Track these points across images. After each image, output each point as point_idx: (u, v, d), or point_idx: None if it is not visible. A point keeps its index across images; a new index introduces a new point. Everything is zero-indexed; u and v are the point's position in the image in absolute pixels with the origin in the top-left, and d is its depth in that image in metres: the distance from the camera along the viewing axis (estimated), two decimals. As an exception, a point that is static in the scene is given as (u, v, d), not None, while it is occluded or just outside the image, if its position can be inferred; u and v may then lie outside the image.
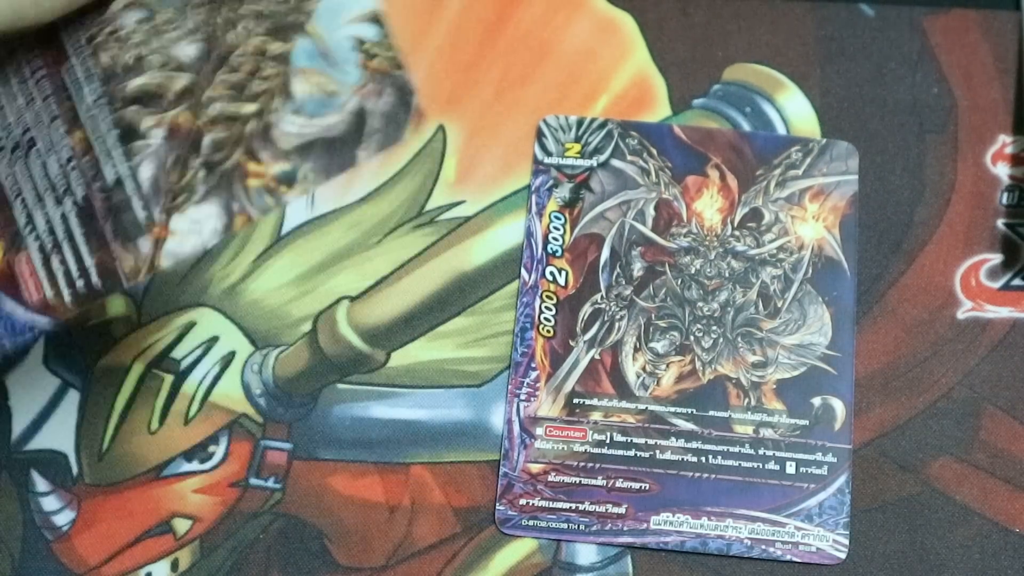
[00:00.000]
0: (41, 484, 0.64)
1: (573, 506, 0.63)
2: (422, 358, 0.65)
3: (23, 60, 0.57)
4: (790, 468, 0.63)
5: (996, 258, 0.66)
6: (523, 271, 0.66)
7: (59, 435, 0.64)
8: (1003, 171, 0.68)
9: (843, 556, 0.62)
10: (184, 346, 0.66)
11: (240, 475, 0.64)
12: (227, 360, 0.66)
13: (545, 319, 0.65)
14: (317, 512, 0.63)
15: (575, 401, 0.64)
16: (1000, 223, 0.67)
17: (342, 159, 0.56)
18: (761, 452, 0.63)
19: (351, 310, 0.66)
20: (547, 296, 0.66)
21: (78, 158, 0.57)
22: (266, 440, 0.64)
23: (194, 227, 0.56)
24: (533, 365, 0.65)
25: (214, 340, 0.66)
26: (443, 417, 0.64)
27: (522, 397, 0.64)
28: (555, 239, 0.67)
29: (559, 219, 0.67)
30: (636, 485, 0.63)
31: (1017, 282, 0.66)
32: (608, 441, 0.63)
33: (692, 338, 0.65)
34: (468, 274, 0.67)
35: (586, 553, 0.62)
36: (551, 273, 0.66)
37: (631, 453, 0.63)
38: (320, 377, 0.65)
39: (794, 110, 0.69)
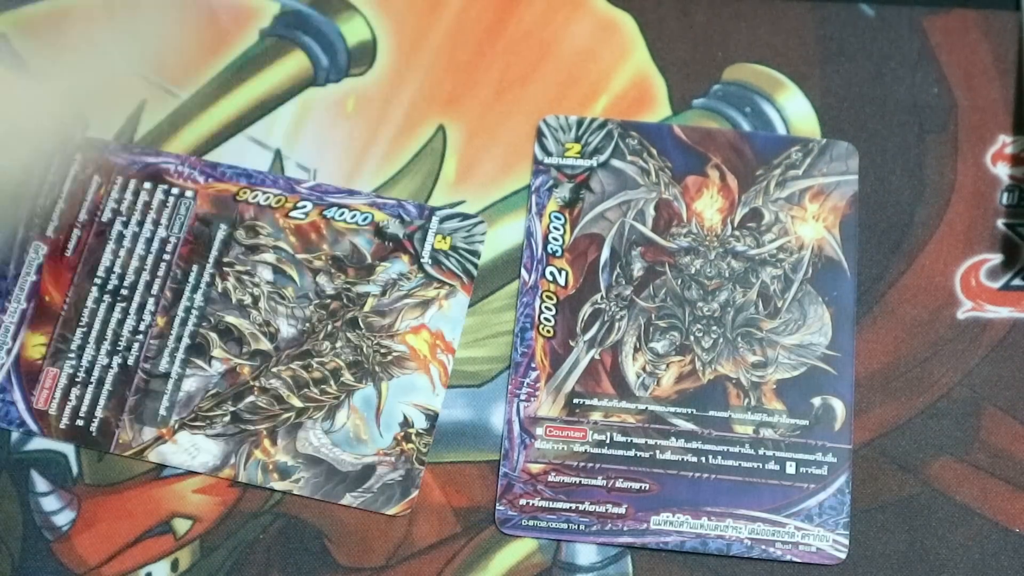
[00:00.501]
0: (41, 484, 0.64)
1: (573, 506, 0.63)
2: (422, 358, 0.65)
3: (168, 234, 0.66)
4: (790, 468, 0.63)
5: (996, 258, 0.66)
6: (523, 271, 0.66)
7: (59, 435, 0.65)
8: (1003, 171, 0.68)
9: (843, 556, 0.62)
10: (184, 346, 0.66)
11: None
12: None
13: (545, 319, 0.65)
14: (317, 512, 0.63)
15: (575, 401, 0.64)
16: (1000, 223, 0.67)
17: (333, 491, 0.62)
18: (761, 452, 0.63)
19: (351, 310, 0.66)
20: (547, 296, 0.66)
21: (148, 336, 0.65)
22: (266, 440, 0.64)
23: (191, 450, 0.63)
24: (533, 365, 0.65)
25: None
26: (443, 417, 0.64)
27: (522, 397, 0.64)
28: (555, 239, 0.67)
29: (559, 219, 0.67)
30: (636, 485, 0.63)
31: (1017, 282, 0.66)
32: (608, 441, 0.63)
33: (692, 338, 0.65)
34: (468, 274, 0.67)
35: (586, 553, 0.62)
36: (551, 273, 0.66)
37: (631, 453, 0.63)
38: (320, 377, 0.65)
39: (794, 110, 0.69)
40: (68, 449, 0.64)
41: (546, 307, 0.66)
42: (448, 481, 0.63)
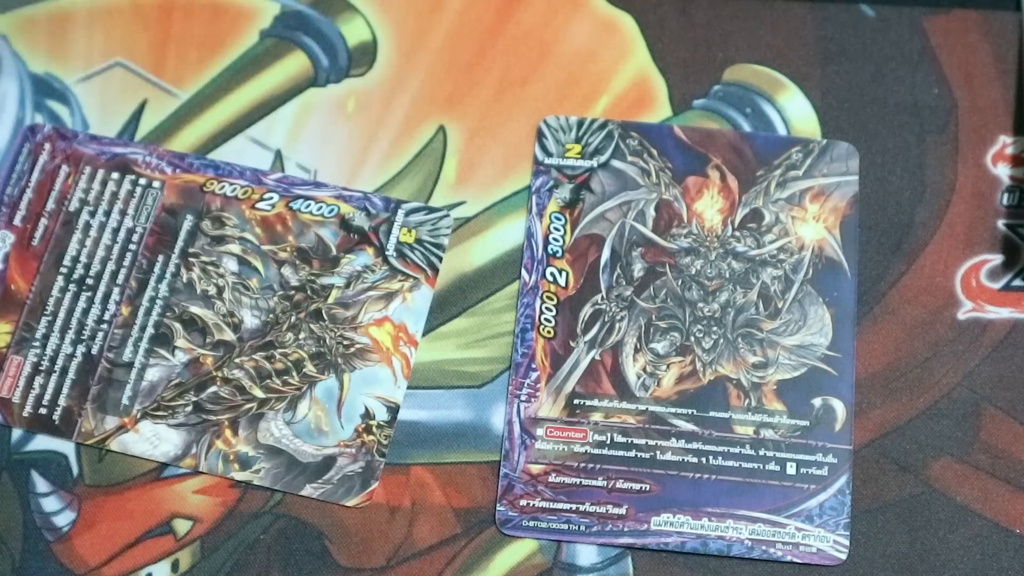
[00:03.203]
0: (41, 485, 0.64)
1: (574, 507, 0.63)
2: (422, 359, 0.65)
3: (136, 224, 0.67)
4: (790, 469, 0.63)
5: (996, 259, 0.66)
6: (523, 272, 0.66)
7: (59, 436, 0.65)
8: (1003, 171, 0.68)
9: (844, 557, 0.62)
10: (184, 347, 0.66)
11: (241, 476, 0.64)
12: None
13: (545, 320, 0.65)
14: (317, 513, 0.63)
15: (575, 402, 0.64)
16: (1000, 224, 0.67)
17: (293, 482, 0.63)
18: (762, 453, 0.63)
19: (351, 311, 0.66)
20: (547, 297, 0.66)
21: (113, 325, 0.65)
22: (266, 441, 0.64)
23: (153, 439, 0.63)
24: (533, 366, 0.65)
25: (214, 341, 0.66)
26: (443, 418, 0.64)
27: (522, 398, 0.64)
28: (555, 240, 0.67)
29: (559, 220, 0.67)
30: (636, 486, 0.63)
31: (1017, 283, 0.66)
32: (608, 442, 0.63)
33: (692, 339, 0.65)
34: (468, 275, 0.67)
35: (586, 554, 0.62)
36: (551, 274, 0.66)
37: (631, 454, 0.63)
38: (320, 378, 0.65)
39: (794, 111, 0.69)
40: (69, 450, 0.64)
41: (546, 308, 0.66)
42: (448, 482, 0.63)
